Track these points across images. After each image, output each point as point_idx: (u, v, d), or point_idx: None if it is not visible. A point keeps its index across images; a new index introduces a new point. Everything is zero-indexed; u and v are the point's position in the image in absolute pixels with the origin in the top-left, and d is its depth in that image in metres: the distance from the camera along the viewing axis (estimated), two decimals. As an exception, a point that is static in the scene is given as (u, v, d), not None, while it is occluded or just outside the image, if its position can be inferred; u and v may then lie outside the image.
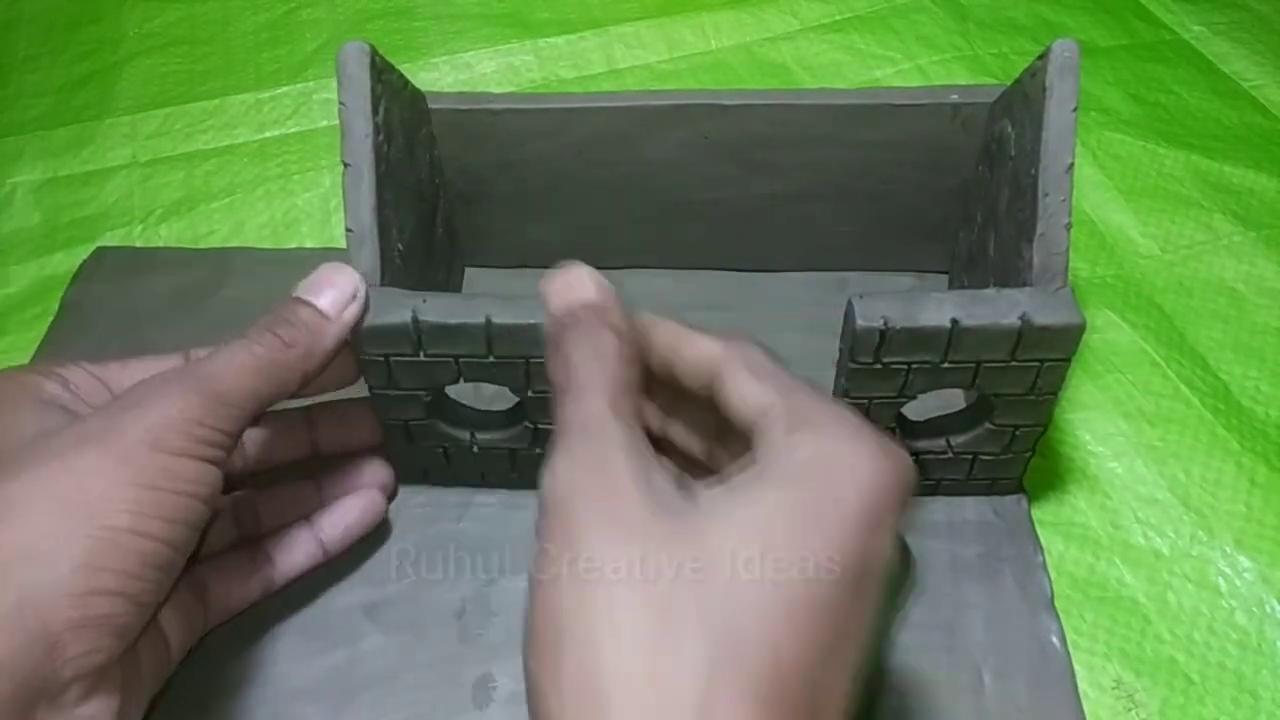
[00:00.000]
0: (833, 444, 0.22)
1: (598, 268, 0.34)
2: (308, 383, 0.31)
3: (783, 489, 0.22)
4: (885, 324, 0.31)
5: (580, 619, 0.20)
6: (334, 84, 0.34)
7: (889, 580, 0.23)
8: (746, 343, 0.26)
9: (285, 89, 0.57)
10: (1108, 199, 0.51)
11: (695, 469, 0.28)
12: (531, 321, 0.31)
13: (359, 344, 0.32)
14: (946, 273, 0.45)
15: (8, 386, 0.29)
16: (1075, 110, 0.33)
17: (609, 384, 0.25)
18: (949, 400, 0.38)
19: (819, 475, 0.22)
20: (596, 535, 0.21)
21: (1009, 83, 0.37)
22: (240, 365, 0.29)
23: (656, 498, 0.22)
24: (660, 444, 0.28)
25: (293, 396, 0.30)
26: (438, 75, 0.59)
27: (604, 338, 0.26)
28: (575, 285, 0.27)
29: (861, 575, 0.21)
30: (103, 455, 0.26)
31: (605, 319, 0.26)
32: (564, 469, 0.23)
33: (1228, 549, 0.37)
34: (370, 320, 0.31)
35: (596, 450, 0.23)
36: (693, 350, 0.26)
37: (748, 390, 0.25)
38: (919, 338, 0.31)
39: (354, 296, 0.31)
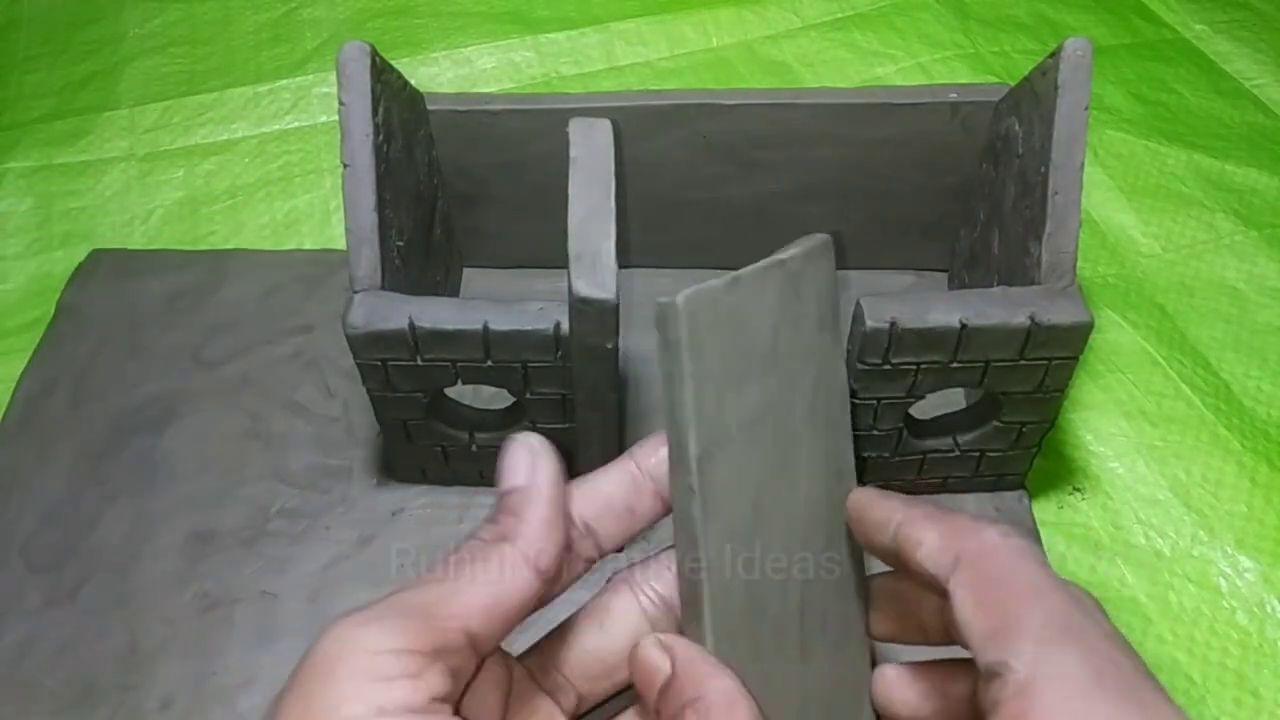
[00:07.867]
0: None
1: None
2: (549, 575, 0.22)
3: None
4: (894, 325, 0.31)
5: None
6: (333, 78, 0.34)
7: None
8: (989, 540, 0.22)
9: (284, 82, 0.57)
10: (1109, 198, 0.50)
11: None
12: (528, 328, 0.31)
13: (356, 348, 0.32)
14: (946, 270, 0.45)
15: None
16: (1087, 109, 0.32)
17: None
18: (949, 398, 0.38)
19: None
20: None
21: (1010, 81, 0.37)
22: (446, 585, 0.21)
23: None
24: None
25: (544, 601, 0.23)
26: (437, 70, 0.58)
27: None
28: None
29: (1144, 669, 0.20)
30: None
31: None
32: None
33: (1229, 549, 0.37)
34: (367, 325, 0.31)
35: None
36: (918, 548, 0.23)
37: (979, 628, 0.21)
38: (928, 338, 0.31)
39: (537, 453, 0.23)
